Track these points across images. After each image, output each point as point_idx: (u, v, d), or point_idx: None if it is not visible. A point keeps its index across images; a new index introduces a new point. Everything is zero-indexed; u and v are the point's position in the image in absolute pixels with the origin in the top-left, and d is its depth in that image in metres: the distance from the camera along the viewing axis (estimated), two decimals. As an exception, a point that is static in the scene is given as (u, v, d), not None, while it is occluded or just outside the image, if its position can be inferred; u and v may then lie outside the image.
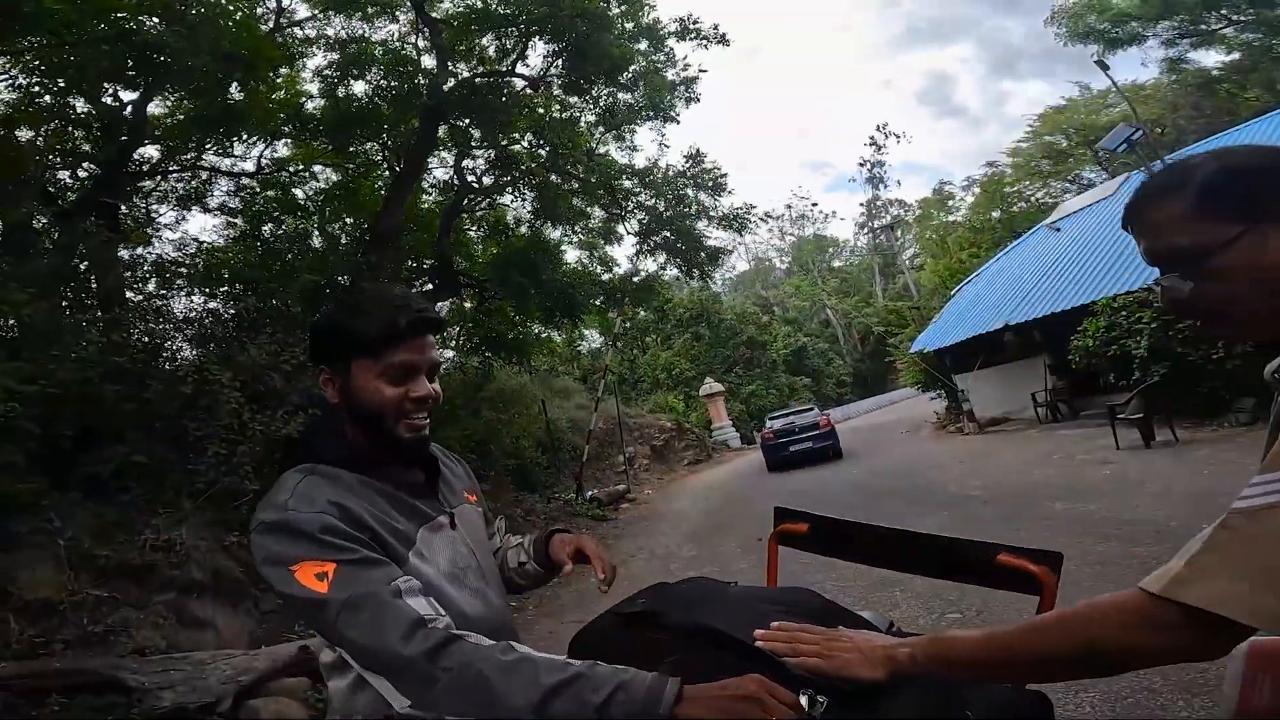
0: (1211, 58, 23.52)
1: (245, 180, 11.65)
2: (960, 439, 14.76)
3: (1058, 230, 16.59)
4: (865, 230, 54.99)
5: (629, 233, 14.80)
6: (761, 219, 17.03)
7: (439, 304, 12.20)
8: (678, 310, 34.39)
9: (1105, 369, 10.86)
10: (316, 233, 12.35)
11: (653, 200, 14.30)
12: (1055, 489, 7.34)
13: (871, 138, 56.09)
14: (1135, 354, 9.94)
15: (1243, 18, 21.42)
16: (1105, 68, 11.98)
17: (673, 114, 13.78)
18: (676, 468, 21.12)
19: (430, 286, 12.65)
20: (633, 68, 12.65)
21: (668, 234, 14.05)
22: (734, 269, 55.93)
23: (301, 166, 12.29)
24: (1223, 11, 21.60)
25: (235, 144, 10.83)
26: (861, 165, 50.89)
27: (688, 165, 14.33)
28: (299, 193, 12.43)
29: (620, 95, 13.21)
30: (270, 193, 11.94)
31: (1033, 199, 29.25)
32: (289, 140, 11.89)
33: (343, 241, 12.25)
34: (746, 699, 0.81)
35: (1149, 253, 0.82)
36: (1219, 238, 0.74)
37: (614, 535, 10.73)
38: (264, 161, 11.74)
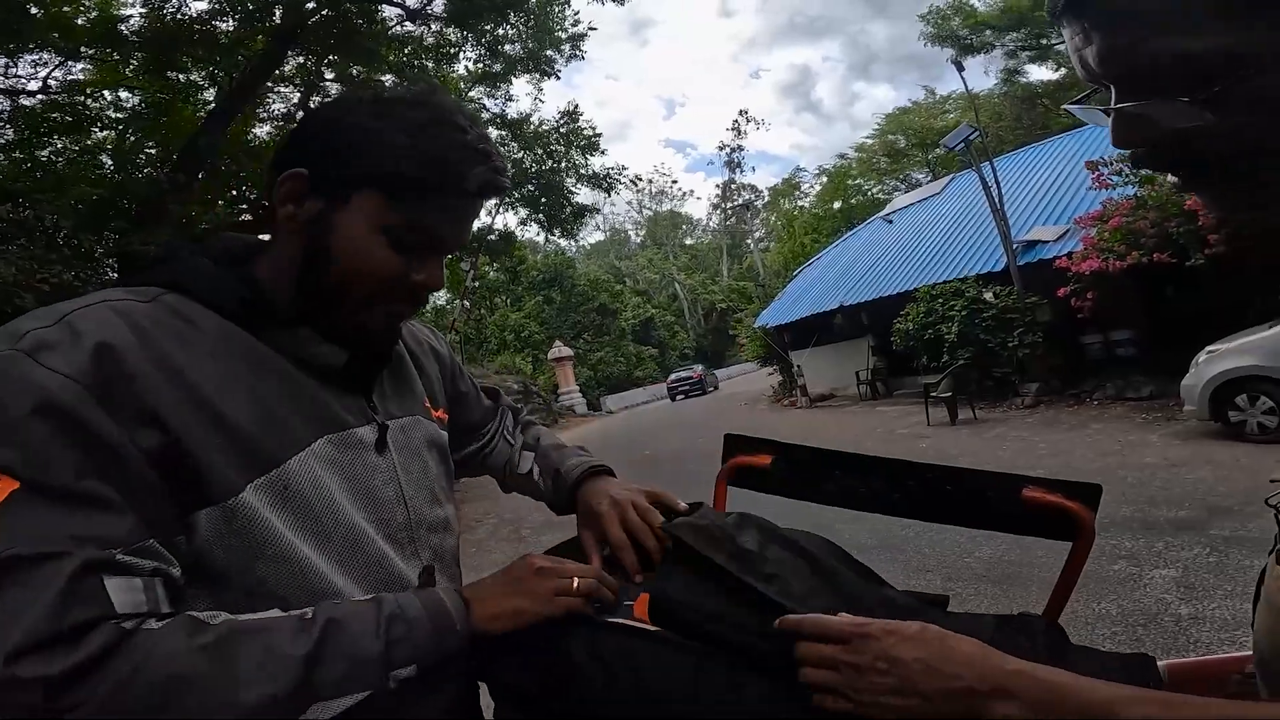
0: (1042, 73, 26.99)
1: (28, 101, 9.55)
2: (794, 412, 15.83)
3: (890, 222, 18.11)
4: (718, 211, 57.11)
5: None
6: (633, 181, 17.17)
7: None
8: (531, 272, 33.55)
9: (920, 351, 12.08)
10: (107, 154, 10.26)
11: (520, 153, 13.65)
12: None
13: (735, 122, 57.92)
14: (947, 339, 11.15)
15: None
16: (961, 69, 13.20)
17: (554, 68, 13.22)
18: (525, 432, 20.74)
19: (248, 218, 11.03)
20: (528, 4, 11.82)
21: (532, 188, 13.54)
22: (590, 238, 55.93)
23: (103, 90, 10.27)
24: (1054, 28, 24.50)
25: (19, 62, 8.93)
26: (721, 148, 52.51)
27: (562, 121, 13.87)
28: (96, 108, 10.39)
29: (509, 33, 12.29)
30: (56, 116, 9.81)
31: (870, 193, 31.93)
32: (91, 61, 9.93)
33: (141, 158, 10.27)
34: (537, 573, 0.71)
35: (1122, 54, 0.45)
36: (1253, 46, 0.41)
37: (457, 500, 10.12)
38: (52, 82, 9.64)
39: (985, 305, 10.84)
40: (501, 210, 15.00)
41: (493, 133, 13.49)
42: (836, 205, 30.52)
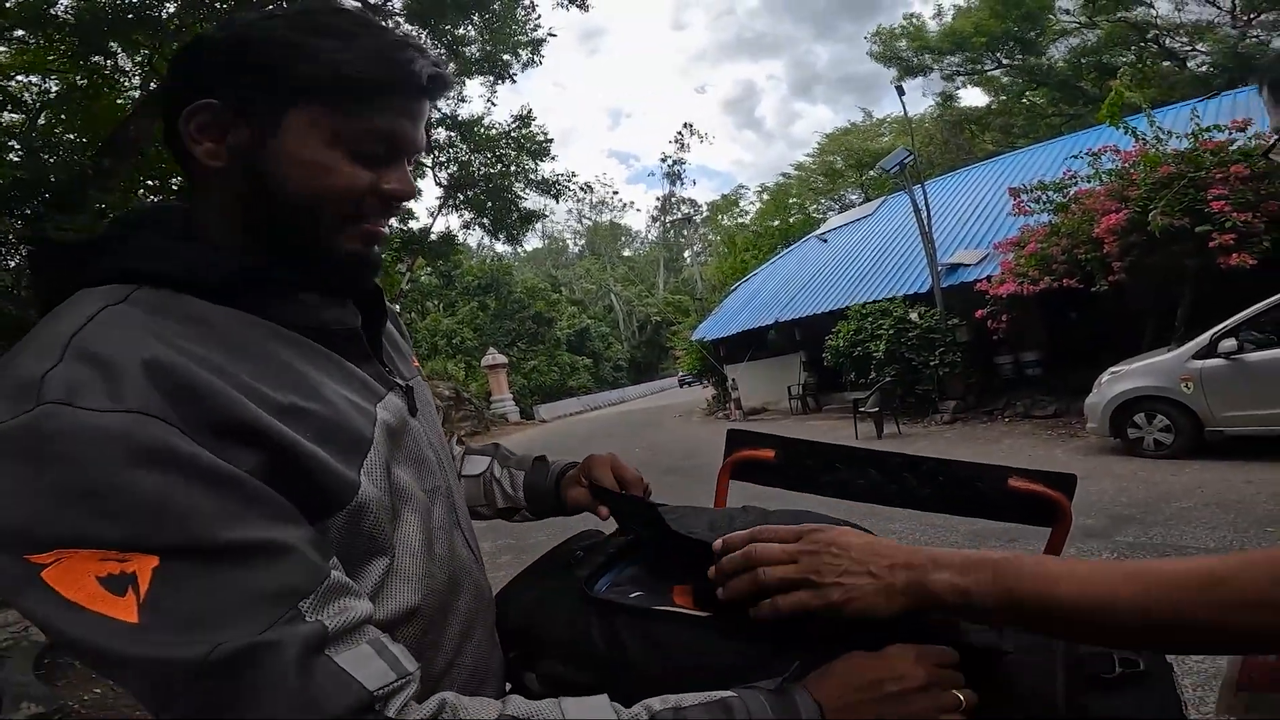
0: (975, 98, 28.59)
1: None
2: (728, 425, 16.05)
3: (824, 241, 18.65)
4: (657, 223, 57.74)
5: (438, 184, 13.88)
6: (582, 188, 17.29)
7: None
8: (467, 277, 32.87)
9: (850, 368, 12.50)
10: (16, 139, 9.46)
11: (470, 155, 13.48)
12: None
13: (679, 134, 58.81)
14: (875, 356, 11.58)
15: (1013, 61, 26.12)
16: (902, 92, 13.79)
17: (510, 72, 13.09)
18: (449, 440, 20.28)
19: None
20: (493, 6, 11.66)
21: (479, 191, 13.37)
22: (528, 244, 55.35)
23: (22, 74, 9.61)
24: (998, 54, 26.24)
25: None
26: (663, 161, 53.24)
27: (514, 125, 13.77)
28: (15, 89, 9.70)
29: (469, 33, 12.07)
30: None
31: (807, 212, 32.94)
32: (19, 44, 9.32)
33: (58, 144, 9.60)
34: (923, 690, 0.55)
35: None
36: None
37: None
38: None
39: (911, 325, 11.32)
40: (445, 212, 14.66)
41: (442, 134, 13.27)
42: (775, 223, 31.38)
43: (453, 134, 13.60)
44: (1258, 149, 7.44)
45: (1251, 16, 21.69)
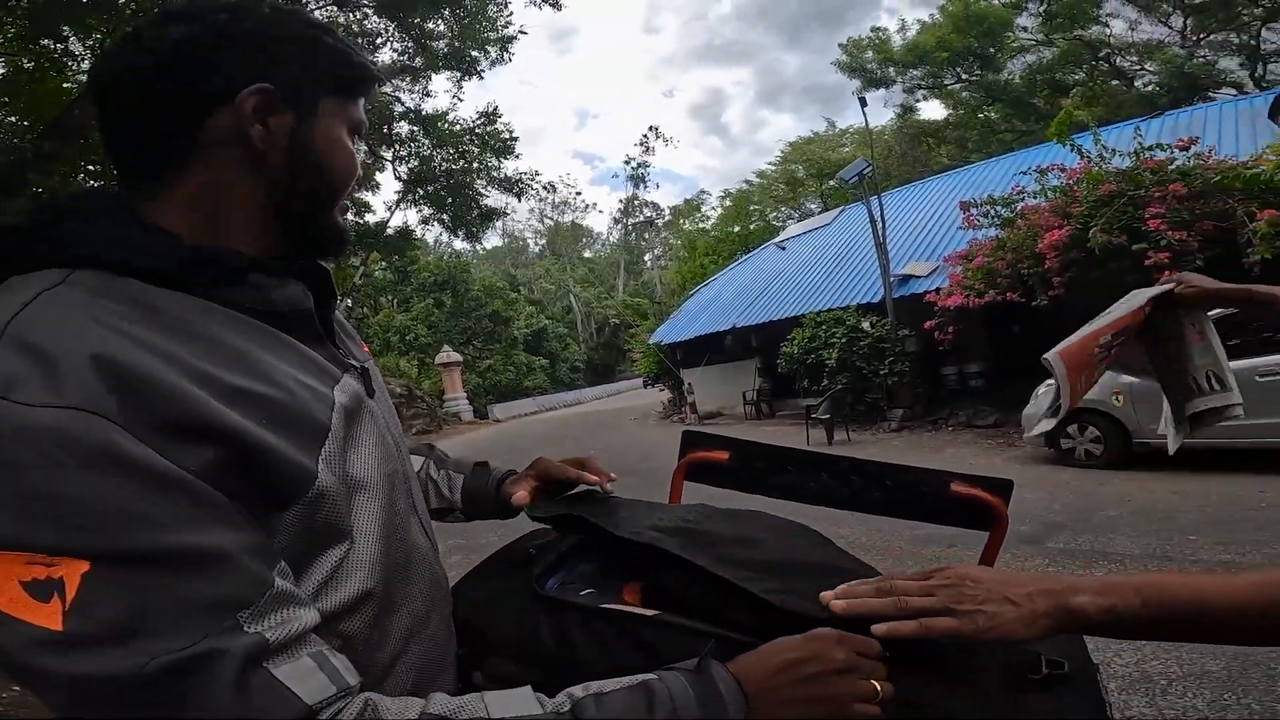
0: (934, 111, 29.39)
1: None
2: (684, 428, 16.13)
3: (783, 249, 18.93)
4: (619, 225, 57.65)
5: (398, 178, 13.69)
6: (546, 187, 17.25)
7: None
8: (423, 273, 32.23)
9: (803, 375, 12.73)
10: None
11: (431, 150, 13.36)
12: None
13: (645, 137, 58.72)
14: (827, 364, 11.83)
15: (971, 76, 26.99)
16: (864, 104, 14.10)
17: (478, 69, 13.00)
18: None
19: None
20: (464, 2, 11.53)
21: (439, 187, 13.20)
22: (487, 242, 54.76)
23: None
24: (958, 69, 27.08)
25: None
26: (627, 163, 53.19)
27: (480, 121, 13.63)
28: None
29: (438, 29, 11.90)
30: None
31: (768, 219, 33.37)
32: None
33: (2, 126, 9.33)
34: (840, 673, 0.56)
35: None
36: None
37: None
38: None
39: (863, 334, 11.60)
40: (403, 207, 14.42)
41: (405, 128, 13.23)
42: (736, 229, 31.70)
43: (416, 128, 13.49)
44: (1196, 169, 7.83)
45: (1200, 37, 22.82)
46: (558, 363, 40.51)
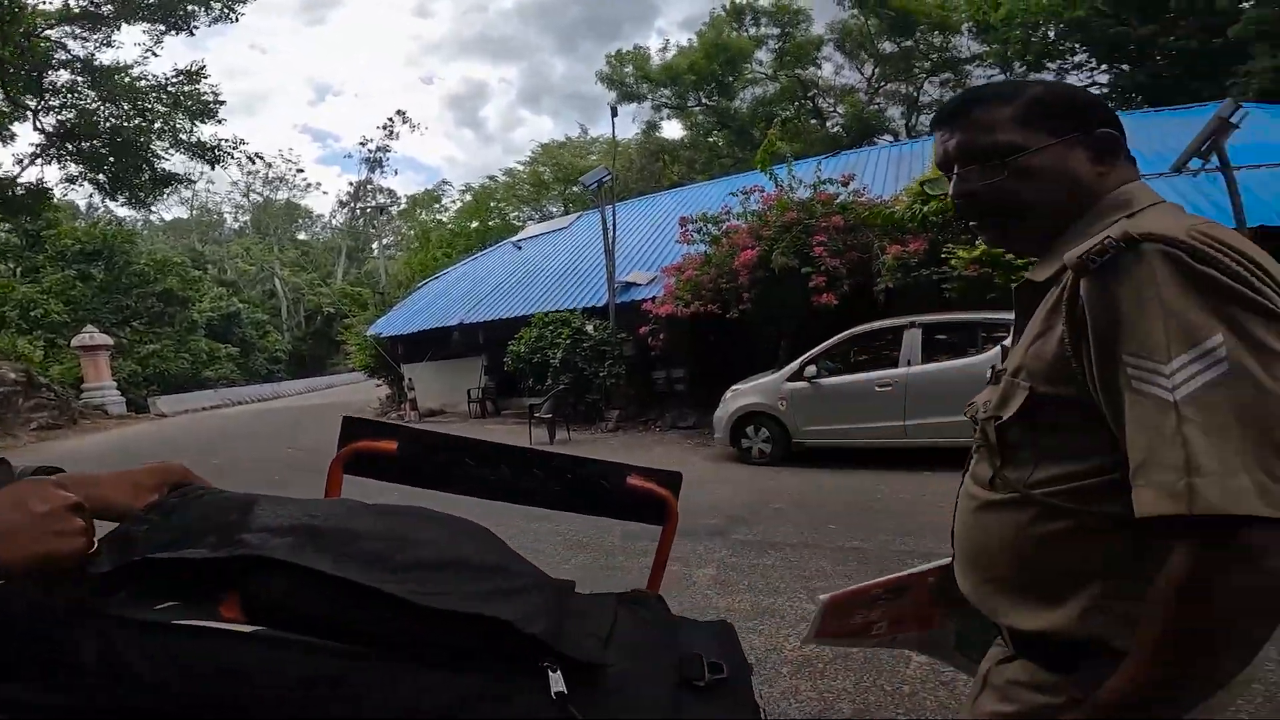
0: (675, 130, 31.39)
1: None
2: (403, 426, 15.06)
3: (519, 248, 18.86)
4: (346, 209, 51.98)
5: (38, 129, 11.46)
6: (252, 158, 15.25)
7: None
8: (65, 239, 25.27)
9: (529, 374, 12.70)
10: None
11: (97, 103, 11.49)
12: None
13: (390, 121, 53.18)
14: (552, 364, 11.93)
15: (710, 102, 29.18)
16: (615, 114, 14.59)
17: (189, 23, 11.27)
18: (19, 433, 15.84)
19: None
20: None
21: (99, 144, 11.04)
22: (168, 212, 45.46)
23: None
24: (700, 93, 29.08)
25: None
26: (364, 144, 48.15)
27: (177, 79, 11.48)
28: None
29: None
30: None
31: (508, 218, 33.00)
32: None
33: None
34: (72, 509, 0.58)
35: (961, 146, 0.88)
36: (1033, 142, 0.83)
37: None
38: None
39: (586, 336, 11.95)
40: (40, 162, 11.55)
41: (64, 75, 11.23)
42: (474, 224, 30.98)
43: (79, 78, 11.73)
44: (853, 204, 9.41)
45: (880, 85, 28.18)
46: (253, 352, 34.93)
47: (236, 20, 12.25)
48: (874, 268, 8.69)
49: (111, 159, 12.32)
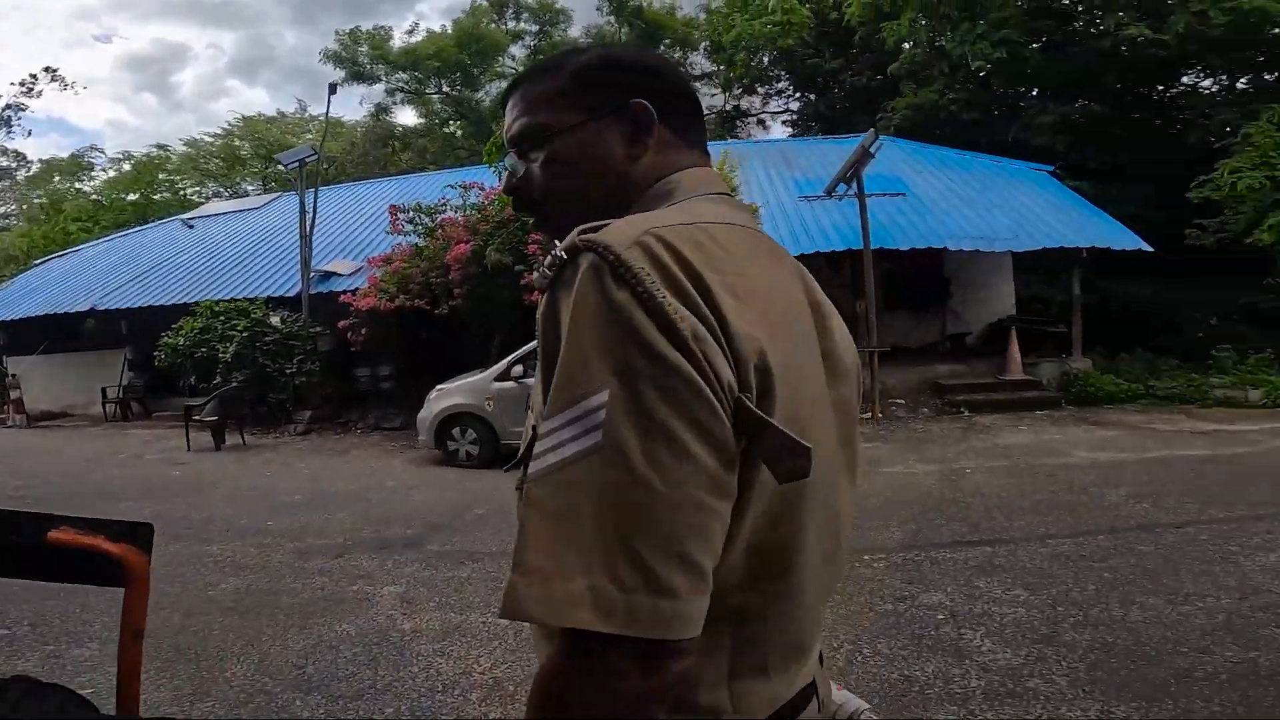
0: (409, 117, 28.48)
1: None
2: (3, 432, 11.71)
3: (191, 227, 16.15)
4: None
5: None
6: None
7: None
8: None
9: (190, 370, 10.58)
10: None
11: None
12: (121, 490, 6.82)
13: (32, 77, 39.20)
14: (222, 359, 10.06)
15: (452, 91, 27.04)
16: (333, 91, 12.65)
17: None
18: None
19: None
20: None
21: None
22: None
23: None
24: (443, 81, 26.87)
25: None
26: (-11, 98, 35.15)
27: None
28: None
29: None
30: None
31: (184, 193, 27.97)
32: None
33: None
34: None
35: (509, 129, 0.74)
36: (565, 122, 0.69)
37: None
38: None
39: (270, 329, 10.33)
40: None
41: None
42: (133, 196, 25.64)
43: None
44: None
45: None
46: None
47: None
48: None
49: None
